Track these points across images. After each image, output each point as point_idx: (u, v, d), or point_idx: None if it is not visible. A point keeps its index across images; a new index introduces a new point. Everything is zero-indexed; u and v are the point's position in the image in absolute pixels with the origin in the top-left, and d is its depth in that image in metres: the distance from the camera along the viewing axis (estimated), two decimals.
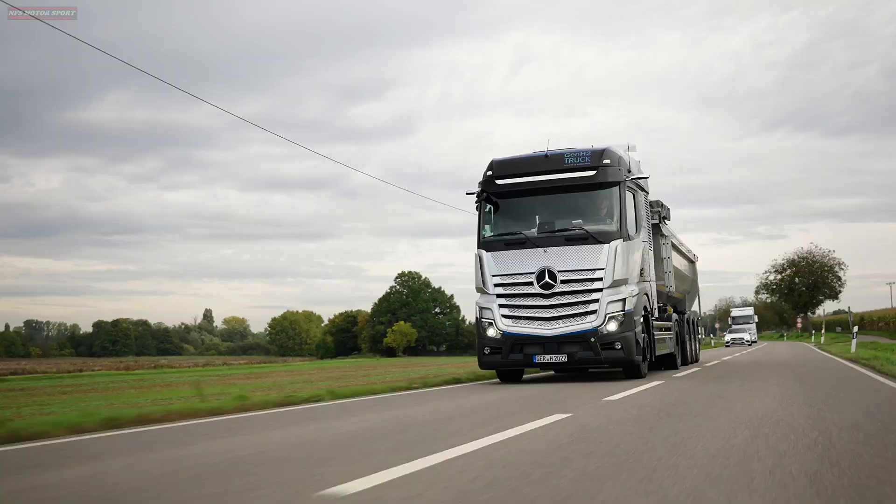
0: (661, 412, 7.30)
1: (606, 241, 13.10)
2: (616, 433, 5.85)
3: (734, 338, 61.07)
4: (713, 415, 7.14)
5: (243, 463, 5.07)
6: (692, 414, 7.21)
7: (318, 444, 5.98)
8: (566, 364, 13.23)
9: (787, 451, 4.92)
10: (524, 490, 3.84)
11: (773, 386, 11.13)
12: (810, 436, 5.60)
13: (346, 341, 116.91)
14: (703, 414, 7.23)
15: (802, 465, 4.40)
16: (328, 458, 5.09)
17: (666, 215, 17.22)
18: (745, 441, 5.33)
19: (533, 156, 13.99)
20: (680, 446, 5.14)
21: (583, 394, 10.10)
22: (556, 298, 13.14)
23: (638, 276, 13.80)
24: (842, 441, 5.33)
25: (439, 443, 5.58)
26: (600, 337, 12.91)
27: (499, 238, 13.79)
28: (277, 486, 4.19)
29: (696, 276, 24.07)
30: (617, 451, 4.97)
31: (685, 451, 4.94)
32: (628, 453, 4.87)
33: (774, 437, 5.55)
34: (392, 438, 6.10)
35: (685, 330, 19.99)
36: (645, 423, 6.45)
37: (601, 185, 13.44)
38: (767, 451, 4.92)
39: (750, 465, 4.42)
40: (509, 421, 6.85)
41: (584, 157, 13.54)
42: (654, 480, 4.00)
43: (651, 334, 14.39)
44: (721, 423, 6.47)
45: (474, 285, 13.97)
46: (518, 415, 7.47)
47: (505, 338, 13.38)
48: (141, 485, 4.48)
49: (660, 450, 4.99)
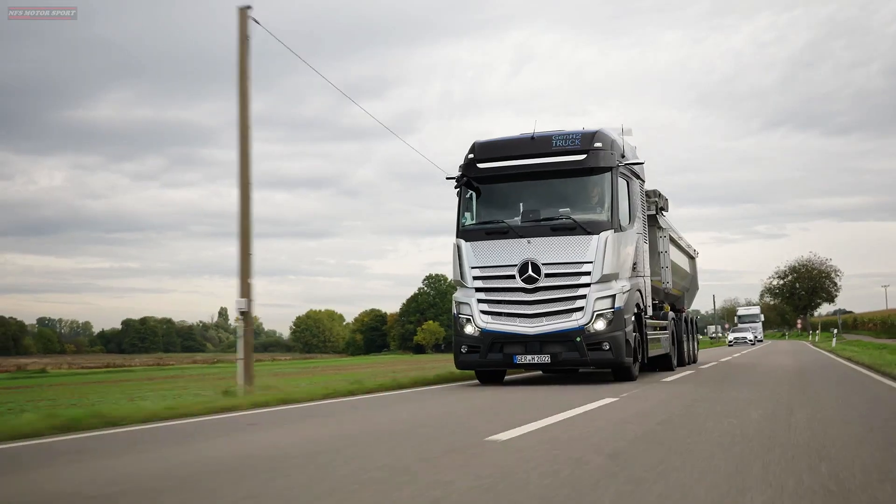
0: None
1: (596, 232, 11.97)
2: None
3: (737, 337, 59.63)
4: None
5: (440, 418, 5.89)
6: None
7: (469, 409, 8.05)
8: (549, 365, 12.14)
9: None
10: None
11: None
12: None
13: (374, 339, 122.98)
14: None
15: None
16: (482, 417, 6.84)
17: (664, 206, 16.10)
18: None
19: (518, 137, 12.85)
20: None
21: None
22: (540, 293, 12.03)
23: (630, 271, 12.68)
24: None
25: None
26: (587, 336, 11.80)
27: (479, 227, 12.66)
28: (452, 433, 6.05)
29: (695, 273, 22.93)
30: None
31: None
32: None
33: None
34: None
35: (683, 329, 18.86)
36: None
37: (591, 170, 12.31)
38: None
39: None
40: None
41: (573, 139, 12.41)
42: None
43: (644, 334, 13.27)
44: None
45: (452, 277, 12.85)
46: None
47: (483, 335, 12.27)
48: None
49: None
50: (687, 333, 19.59)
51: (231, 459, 5.12)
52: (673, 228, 18.25)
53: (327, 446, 5.61)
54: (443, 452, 5.10)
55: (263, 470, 4.56)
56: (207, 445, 5.99)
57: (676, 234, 18.79)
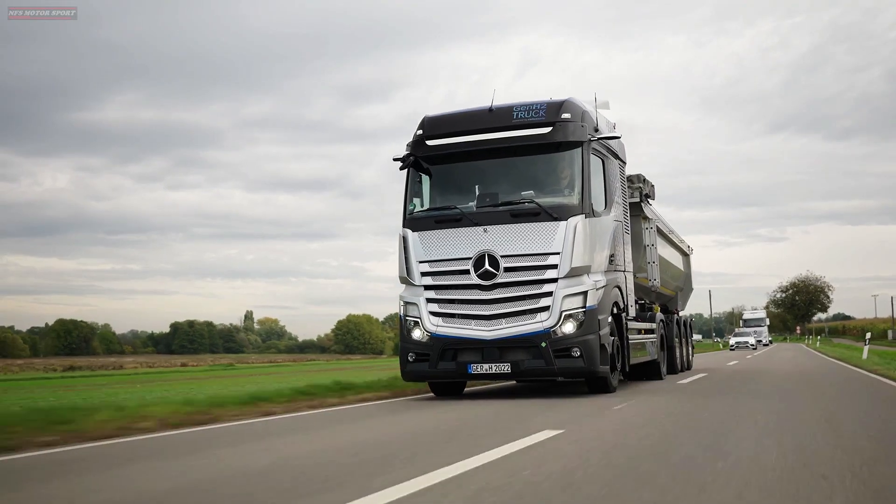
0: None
1: (564, 218, 10.13)
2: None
3: (738, 342, 56.59)
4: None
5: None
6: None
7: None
8: (510, 376, 10.27)
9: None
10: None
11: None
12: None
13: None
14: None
15: None
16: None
17: (649, 193, 14.24)
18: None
19: (474, 110, 11.00)
20: None
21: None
22: (499, 291, 10.18)
23: (606, 264, 10.83)
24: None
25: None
26: (553, 341, 9.94)
27: (428, 214, 10.83)
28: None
29: (689, 272, 21.04)
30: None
31: None
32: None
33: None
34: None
35: (675, 332, 16.98)
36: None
37: (559, 145, 10.46)
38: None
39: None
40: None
41: (537, 110, 10.56)
42: None
43: (625, 337, 11.41)
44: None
45: (397, 274, 11.00)
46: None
47: (433, 341, 10.41)
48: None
49: None
50: (680, 337, 17.71)
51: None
52: (662, 220, 16.40)
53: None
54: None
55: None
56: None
57: (667, 228, 16.92)
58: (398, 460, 5.04)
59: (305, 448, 5.99)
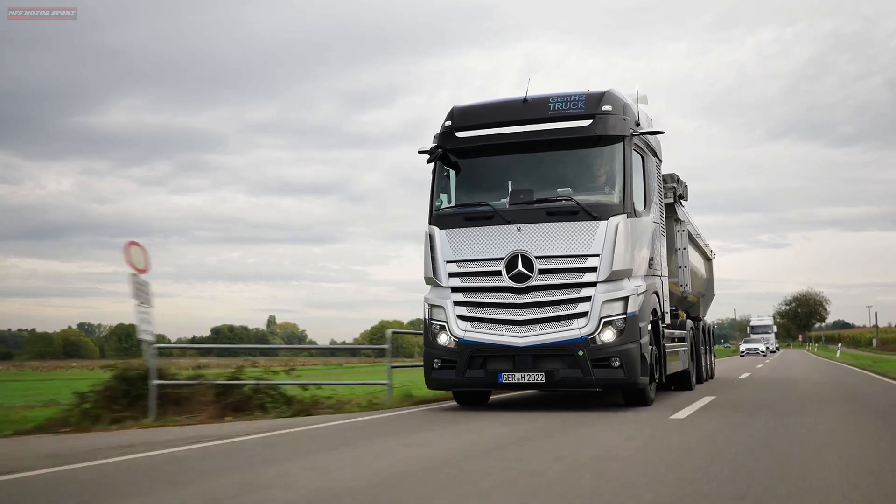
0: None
1: (604, 217, 9.42)
2: None
3: (749, 348, 57.25)
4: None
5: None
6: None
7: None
8: (544, 386, 9.56)
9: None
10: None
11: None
12: None
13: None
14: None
15: None
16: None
17: (682, 193, 13.53)
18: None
19: (507, 100, 10.31)
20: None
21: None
22: (533, 295, 9.48)
23: (646, 268, 10.14)
24: None
25: None
26: (592, 350, 9.24)
27: (457, 211, 10.12)
28: None
29: (712, 277, 20.34)
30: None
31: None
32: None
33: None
34: None
35: (700, 340, 16.28)
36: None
37: (599, 139, 9.76)
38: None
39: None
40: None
41: (576, 101, 9.85)
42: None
43: (661, 346, 10.72)
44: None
45: (423, 275, 10.29)
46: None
47: (461, 347, 9.70)
48: None
49: None
50: (705, 345, 17.02)
51: None
52: (691, 222, 15.70)
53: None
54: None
55: None
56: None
57: (694, 231, 16.22)
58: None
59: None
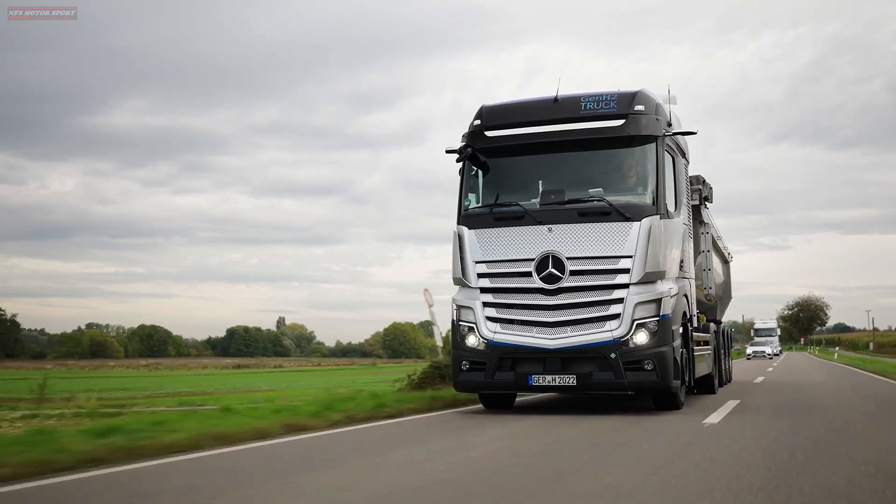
0: None
1: (636, 219, 9.30)
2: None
3: (756, 351, 57.17)
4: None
5: None
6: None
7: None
8: (575, 389, 9.44)
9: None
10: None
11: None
12: None
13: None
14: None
15: None
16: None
17: (707, 195, 13.39)
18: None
19: (537, 100, 10.20)
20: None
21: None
22: (564, 296, 9.35)
23: (677, 270, 10.03)
24: None
25: None
26: (624, 352, 9.11)
27: (487, 210, 10.00)
28: None
29: (729, 279, 20.19)
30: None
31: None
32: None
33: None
34: None
35: (720, 343, 16.15)
36: None
37: (632, 139, 9.64)
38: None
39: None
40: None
41: (608, 101, 9.74)
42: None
43: (690, 349, 10.60)
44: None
45: (451, 275, 10.18)
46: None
47: (490, 349, 9.58)
48: None
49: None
50: (724, 349, 16.89)
51: None
52: (714, 225, 15.56)
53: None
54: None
55: None
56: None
57: (717, 233, 16.09)
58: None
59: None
